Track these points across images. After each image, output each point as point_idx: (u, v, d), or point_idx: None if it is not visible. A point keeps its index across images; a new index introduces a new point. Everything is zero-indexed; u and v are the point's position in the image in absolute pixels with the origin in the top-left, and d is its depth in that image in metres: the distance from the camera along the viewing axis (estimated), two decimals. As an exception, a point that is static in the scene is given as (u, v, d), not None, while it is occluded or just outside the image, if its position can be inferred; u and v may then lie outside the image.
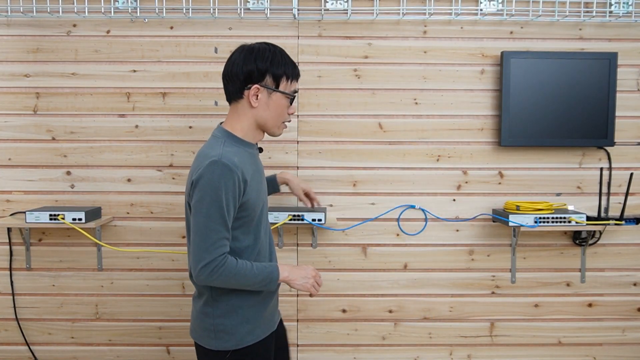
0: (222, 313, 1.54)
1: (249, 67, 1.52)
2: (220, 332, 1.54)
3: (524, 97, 2.23)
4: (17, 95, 2.29)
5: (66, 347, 2.38)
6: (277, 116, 1.57)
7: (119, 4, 2.24)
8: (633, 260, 2.37)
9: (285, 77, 1.54)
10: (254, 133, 1.59)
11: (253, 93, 1.52)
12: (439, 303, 2.38)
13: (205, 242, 1.43)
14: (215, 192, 1.42)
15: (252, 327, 1.56)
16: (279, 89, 1.54)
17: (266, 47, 1.55)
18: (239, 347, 1.54)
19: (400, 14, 2.26)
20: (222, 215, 1.43)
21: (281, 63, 1.54)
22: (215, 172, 1.42)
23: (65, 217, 2.12)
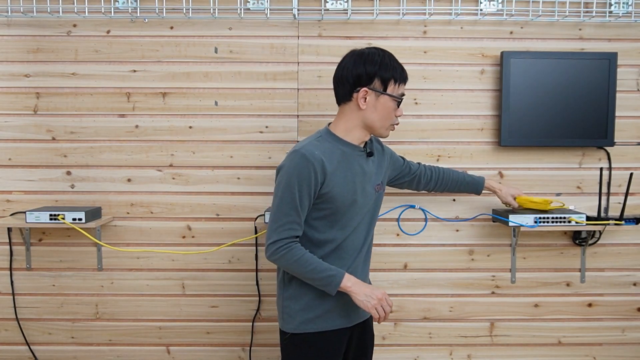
0: (289, 296, 1.65)
1: (358, 71, 1.60)
2: (285, 314, 1.66)
3: (524, 97, 2.23)
4: (17, 95, 2.29)
5: (66, 347, 2.38)
6: (384, 118, 1.64)
7: (119, 4, 2.24)
8: (633, 260, 2.37)
9: (393, 80, 1.62)
10: (359, 133, 1.65)
11: (361, 96, 1.61)
12: (439, 303, 2.38)
13: (275, 223, 1.56)
14: (290, 178, 1.54)
15: (314, 316, 1.63)
16: (386, 92, 1.61)
17: (375, 51, 1.63)
18: (297, 332, 1.63)
19: (400, 14, 2.26)
20: (293, 199, 1.54)
21: (389, 67, 1.61)
22: (293, 160, 1.55)
23: (65, 217, 2.12)
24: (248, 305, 2.37)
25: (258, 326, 2.38)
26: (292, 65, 2.29)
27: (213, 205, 2.33)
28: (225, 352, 2.39)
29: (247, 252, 2.34)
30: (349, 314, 1.69)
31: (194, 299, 2.36)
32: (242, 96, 2.30)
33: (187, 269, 2.35)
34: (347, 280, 1.57)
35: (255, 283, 2.34)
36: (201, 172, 2.32)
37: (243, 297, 2.36)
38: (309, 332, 1.63)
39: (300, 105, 2.30)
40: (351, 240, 1.66)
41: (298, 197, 1.54)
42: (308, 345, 1.63)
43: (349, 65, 1.62)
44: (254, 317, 2.37)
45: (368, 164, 1.69)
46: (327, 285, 1.56)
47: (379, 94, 1.61)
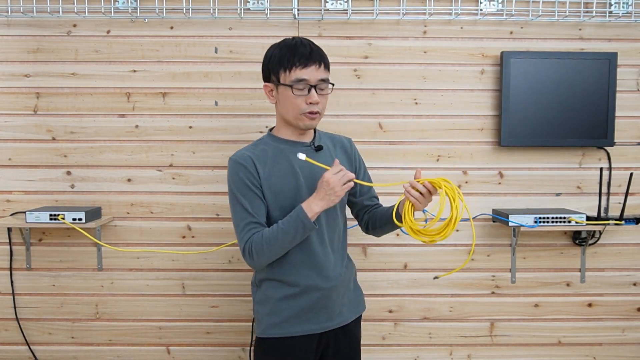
0: (259, 300, 1.67)
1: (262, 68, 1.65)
2: (256, 318, 1.68)
3: (524, 97, 2.23)
4: (17, 95, 2.29)
5: (66, 347, 2.38)
6: (292, 108, 1.58)
7: (119, 4, 2.24)
8: (633, 260, 2.37)
9: (283, 68, 1.57)
10: (285, 128, 1.65)
11: (266, 92, 1.65)
12: (439, 303, 2.38)
13: (237, 232, 1.58)
14: (230, 186, 1.58)
15: (278, 320, 1.61)
16: (280, 82, 1.58)
17: (276, 44, 1.62)
18: (263, 336, 1.63)
19: (400, 14, 2.26)
20: (240, 203, 1.56)
21: (275, 55, 1.58)
22: (228, 169, 1.60)
23: (65, 217, 2.12)
24: (248, 305, 2.37)
25: (258, 326, 2.38)
26: (292, 65, 2.28)
27: (213, 205, 2.33)
28: (225, 352, 2.38)
29: (247, 252, 2.34)
30: (319, 319, 1.62)
31: (194, 299, 2.36)
32: (242, 96, 2.30)
33: (187, 269, 2.35)
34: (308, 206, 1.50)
35: (255, 283, 2.34)
36: (201, 172, 2.32)
37: (243, 297, 2.36)
38: (273, 337, 1.60)
39: (300, 105, 2.30)
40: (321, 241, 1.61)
41: (243, 199, 1.55)
42: (273, 350, 1.61)
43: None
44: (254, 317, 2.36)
45: (318, 157, 1.62)
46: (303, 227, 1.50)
47: (277, 85, 1.60)
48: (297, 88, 1.55)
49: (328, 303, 1.63)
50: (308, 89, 1.55)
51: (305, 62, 1.55)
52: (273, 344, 1.61)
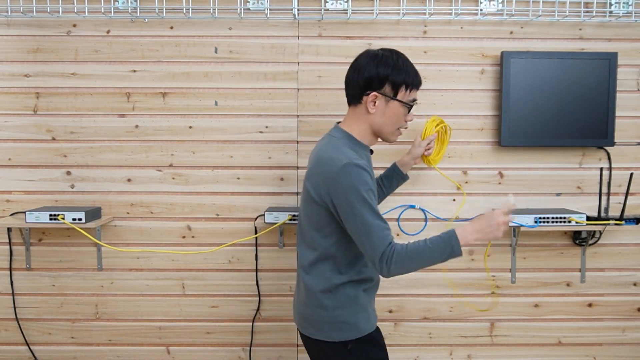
0: (341, 304, 1.59)
1: (370, 74, 1.56)
2: (341, 323, 1.59)
3: (524, 97, 2.23)
4: (17, 95, 2.29)
5: (66, 347, 2.38)
6: (393, 123, 1.61)
7: (119, 4, 2.24)
8: (633, 260, 2.37)
9: (405, 85, 1.58)
10: (370, 137, 1.64)
11: (370, 100, 1.58)
12: (439, 303, 2.38)
13: (370, 240, 1.47)
14: (358, 192, 1.46)
15: (367, 315, 1.63)
16: (396, 98, 1.58)
17: (389, 54, 1.58)
18: (360, 335, 1.60)
19: (400, 14, 2.26)
20: (372, 209, 1.47)
21: (402, 71, 1.57)
22: (351, 174, 1.47)
23: (65, 217, 2.12)
24: (248, 305, 2.37)
25: (258, 326, 2.38)
26: (292, 65, 2.29)
27: (213, 205, 2.33)
28: (225, 352, 2.39)
29: (247, 252, 2.34)
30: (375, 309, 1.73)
31: (194, 299, 2.36)
32: (242, 96, 2.30)
33: (187, 269, 2.35)
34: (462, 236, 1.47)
35: (255, 283, 2.34)
36: (201, 172, 2.32)
37: (243, 297, 2.36)
38: (369, 332, 1.62)
39: (300, 105, 2.30)
40: None
41: (373, 203, 1.48)
42: (371, 344, 1.62)
43: (362, 67, 1.58)
44: (254, 317, 2.37)
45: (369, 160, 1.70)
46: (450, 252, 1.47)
47: (389, 99, 1.58)
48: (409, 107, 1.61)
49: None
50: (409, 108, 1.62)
51: (419, 86, 1.63)
52: (370, 339, 1.62)
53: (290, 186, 2.32)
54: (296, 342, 2.38)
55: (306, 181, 1.61)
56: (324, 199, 1.53)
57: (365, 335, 1.61)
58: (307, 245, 1.63)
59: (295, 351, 2.38)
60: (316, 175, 1.55)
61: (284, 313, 2.37)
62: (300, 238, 1.67)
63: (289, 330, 2.38)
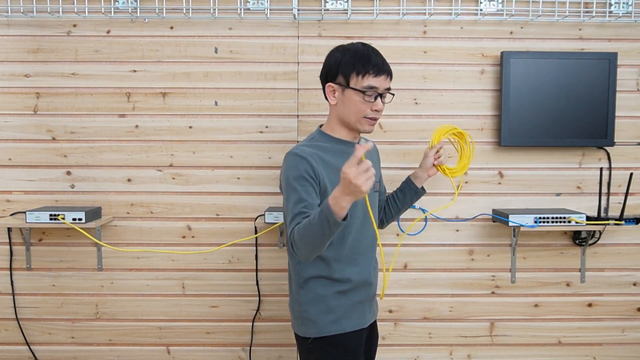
0: (307, 300, 1.63)
1: (325, 67, 1.65)
2: (305, 319, 1.64)
3: (524, 97, 2.23)
4: (17, 95, 2.29)
5: (66, 347, 2.38)
6: (355, 112, 1.61)
7: (119, 4, 2.24)
8: (633, 260, 2.37)
9: (356, 72, 1.58)
10: (342, 130, 1.66)
11: (329, 91, 1.64)
12: (439, 303, 2.38)
13: (286, 224, 1.55)
14: (288, 177, 1.53)
15: (335, 317, 1.61)
16: (349, 86, 1.59)
17: (346, 45, 1.64)
18: (321, 335, 1.61)
19: (400, 14, 2.26)
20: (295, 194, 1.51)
21: (352, 59, 1.58)
22: (288, 161, 1.56)
23: (65, 217, 2.12)
24: (248, 305, 2.37)
25: (258, 326, 2.38)
26: (292, 65, 2.29)
27: (213, 205, 2.33)
28: (225, 352, 2.39)
29: (247, 252, 2.34)
30: (365, 314, 1.70)
31: (194, 299, 2.36)
32: (242, 96, 2.30)
33: (187, 269, 2.35)
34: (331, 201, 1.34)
35: (255, 283, 2.34)
36: (201, 172, 2.32)
37: (243, 297, 2.36)
38: (332, 334, 1.62)
39: (300, 105, 2.30)
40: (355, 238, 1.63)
41: (301, 190, 1.51)
42: (333, 346, 1.62)
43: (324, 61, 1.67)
44: (254, 317, 2.37)
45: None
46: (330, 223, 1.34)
47: (344, 88, 1.60)
48: (367, 94, 1.59)
49: (372, 297, 1.74)
50: (375, 96, 1.60)
51: (377, 71, 1.59)
52: (333, 341, 1.62)
53: (290, 186, 2.32)
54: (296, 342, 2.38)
55: None
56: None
57: (328, 336, 1.61)
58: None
59: (295, 351, 2.38)
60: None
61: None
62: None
63: (289, 330, 2.38)
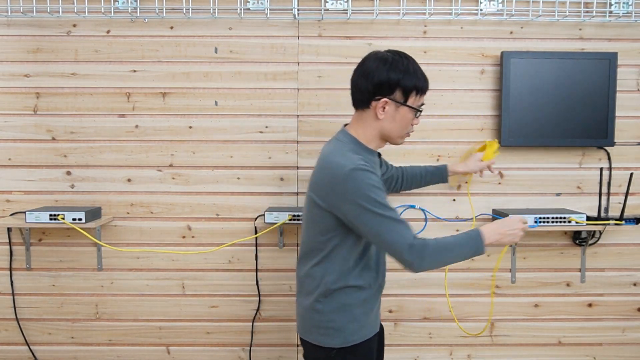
0: (333, 310, 1.57)
1: (380, 79, 1.51)
2: (330, 329, 1.57)
3: (524, 97, 2.23)
4: (17, 95, 2.29)
5: (66, 347, 2.38)
6: (402, 128, 1.58)
7: (119, 4, 2.24)
8: (633, 260, 2.37)
9: (416, 91, 1.54)
10: (377, 141, 1.61)
11: (380, 106, 1.53)
12: (439, 303, 2.38)
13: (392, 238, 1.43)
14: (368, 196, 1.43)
15: (359, 325, 1.59)
16: (407, 103, 1.54)
17: (399, 58, 1.54)
18: (346, 345, 1.57)
19: (400, 14, 2.26)
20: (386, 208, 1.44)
21: (413, 76, 1.52)
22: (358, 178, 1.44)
23: (65, 217, 2.12)
24: (248, 305, 2.37)
25: (258, 326, 2.38)
26: (292, 65, 2.29)
27: (213, 205, 2.33)
28: (225, 352, 2.39)
29: (247, 252, 2.34)
30: (378, 317, 1.71)
31: (194, 299, 2.36)
32: (242, 96, 2.30)
33: (187, 269, 2.35)
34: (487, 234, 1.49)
35: (255, 283, 2.34)
36: (201, 172, 2.32)
37: (243, 297, 2.36)
38: (356, 343, 1.59)
39: (300, 105, 2.30)
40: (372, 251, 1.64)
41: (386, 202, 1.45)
42: (355, 355, 1.60)
43: (371, 71, 1.53)
44: (254, 317, 2.37)
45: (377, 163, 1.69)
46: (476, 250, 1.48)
47: (399, 104, 1.54)
48: (419, 112, 1.58)
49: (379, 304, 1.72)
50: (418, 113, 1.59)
51: (428, 88, 1.59)
52: (356, 350, 1.59)
53: (290, 186, 2.32)
54: (296, 342, 2.38)
55: (310, 185, 1.59)
56: (330, 205, 1.50)
57: (352, 345, 1.58)
58: (309, 248, 1.61)
59: (295, 351, 2.38)
60: (321, 181, 1.52)
61: (284, 313, 2.37)
62: (301, 240, 1.66)
63: (289, 330, 2.38)
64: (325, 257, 1.57)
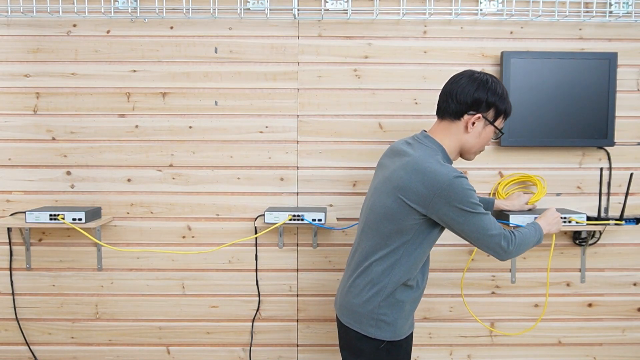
0: (390, 304, 1.66)
1: (479, 96, 1.64)
2: (382, 322, 1.66)
3: (524, 97, 2.23)
4: (17, 95, 2.29)
5: (66, 347, 2.38)
6: (482, 145, 1.71)
7: (119, 4, 2.24)
8: (633, 260, 2.37)
9: (504, 114, 1.69)
10: (455, 154, 1.72)
11: (473, 120, 1.65)
12: (439, 303, 2.38)
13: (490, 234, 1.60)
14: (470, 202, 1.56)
15: (406, 321, 1.70)
16: (494, 124, 1.68)
17: (497, 82, 1.67)
18: (394, 339, 1.67)
19: (400, 14, 2.26)
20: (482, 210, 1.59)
21: (506, 101, 1.67)
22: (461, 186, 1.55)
23: (65, 217, 2.12)
24: (248, 305, 2.37)
25: (258, 326, 2.38)
26: (292, 65, 2.29)
27: (213, 205, 2.33)
28: (225, 352, 2.39)
29: (247, 252, 2.34)
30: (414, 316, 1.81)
31: (194, 299, 2.36)
32: (242, 96, 2.30)
33: (187, 269, 2.35)
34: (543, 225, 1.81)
35: (255, 283, 2.34)
36: (201, 172, 2.32)
37: (243, 297, 2.36)
38: (402, 338, 1.69)
39: (300, 105, 2.30)
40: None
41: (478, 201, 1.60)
42: (401, 349, 1.69)
43: (469, 87, 1.64)
44: (254, 317, 2.37)
45: None
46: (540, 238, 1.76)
47: (488, 123, 1.66)
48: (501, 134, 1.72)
49: None
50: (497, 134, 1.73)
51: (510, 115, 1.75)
52: (403, 344, 1.70)
53: (290, 186, 2.32)
54: (296, 342, 2.38)
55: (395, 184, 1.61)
56: (427, 209, 1.57)
57: (400, 339, 1.68)
58: (376, 240, 1.66)
59: (295, 351, 2.39)
60: (417, 186, 1.57)
61: (284, 313, 2.37)
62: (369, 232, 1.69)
63: (289, 330, 2.38)
64: (396, 254, 1.63)
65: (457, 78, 1.68)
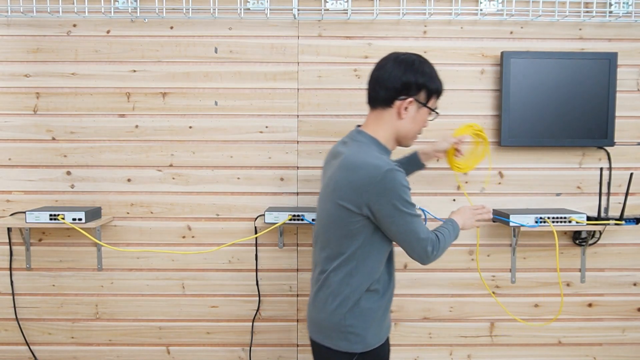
0: (355, 315, 1.57)
1: (408, 79, 1.55)
2: (351, 334, 1.57)
3: (524, 97, 2.23)
4: (17, 95, 2.29)
5: (66, 347, 2.38)
6: (418, 129, 1.64)
7: (119, 4, 2.24)
8: (633, 260, 2.37)
9: (436, 94, 1.62)
10: (392, 142, 1.64)
11: (405, 105, 1.57)
12: (439, 303, 2.38)
13: (416, 236, 1.53)
14: (401, 197, 1.49)
15: (378, 329, 1.61)
16: (427, 105, 1.60)
17: (424, 61, 1.60)
18: (367, 349, 1.58)
19: (400, 14, 2.26)
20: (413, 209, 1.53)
21: (436, 79, 1.60)
22: (395, 179, 1.48)
23: (65, 217, 2.12)
24: (248, 305, 2.37)
25: (258, 326, 2.38)
26: (292, 65, 2.29)
27: (213, 205, 2.33)
28: (225, 352, 2.39)
29: (247, 252, 2.34)
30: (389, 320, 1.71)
31: (194, 299, 2.36)
32: (242, 96, 2.30)
33: (187, 269, 2.35)
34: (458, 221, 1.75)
35: (255, 283, 2.34)
36: (201, 172, 2.32)
37: (243, 297, 2.36)
38: (376, 347, 1.60)
39: (300, 105, 2.30)
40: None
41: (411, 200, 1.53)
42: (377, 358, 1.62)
43: (396, 71, 1.55)
44: (254, 317, 2.37)
45: None
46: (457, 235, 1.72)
47: (421, 105, 1.59)
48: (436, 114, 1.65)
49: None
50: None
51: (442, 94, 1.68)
52: (376, 352, 1.61)
53: (290, 186, 2.32)
54: (296, 342, 2.38)
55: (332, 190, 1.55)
56: (360, 205, 1.50)
57: (372, 349, 1.59)
58: (328, 251, 1.59)
59: (295, 351, 2.38)
60: (349, 183, 1.50)
61: (284, 313, 2.37)
62: (320, 243, 1.63)
63: (289, 330, 2.38)
64: (351, 261, 1.55)
65: (382, 63, 1.59)
